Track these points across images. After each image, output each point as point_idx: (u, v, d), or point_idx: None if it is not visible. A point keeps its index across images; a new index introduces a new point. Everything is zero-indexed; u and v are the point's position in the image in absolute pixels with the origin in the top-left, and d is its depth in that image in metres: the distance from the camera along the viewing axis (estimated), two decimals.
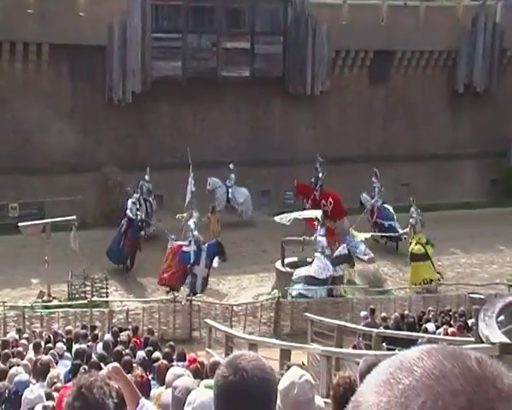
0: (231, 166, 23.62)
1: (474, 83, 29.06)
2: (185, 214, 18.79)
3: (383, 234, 21.33)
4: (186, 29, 26.17)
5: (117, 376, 3.20)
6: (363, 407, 0.90)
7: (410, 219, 20.95)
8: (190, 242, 18.27)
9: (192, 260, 17.93)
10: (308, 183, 24.40)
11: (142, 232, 19.88)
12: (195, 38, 26.37)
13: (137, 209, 20.10)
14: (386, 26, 27.46)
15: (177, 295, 17.10)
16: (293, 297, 17.53)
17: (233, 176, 24.07)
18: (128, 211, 19.70)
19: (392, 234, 21.44)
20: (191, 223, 18.37)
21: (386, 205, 23.00)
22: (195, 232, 18.23)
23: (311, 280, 17.86)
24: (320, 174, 23.78)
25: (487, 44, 28.83)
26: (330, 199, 23.23)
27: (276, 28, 27.44)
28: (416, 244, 20.27)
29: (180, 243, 18.44)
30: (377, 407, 0.88)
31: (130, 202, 19.96)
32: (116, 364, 4.03)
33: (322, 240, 18.50)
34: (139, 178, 22.27)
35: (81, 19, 24.06)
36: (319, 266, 17.98)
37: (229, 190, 24.00)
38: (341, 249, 19.02)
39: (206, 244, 18.31)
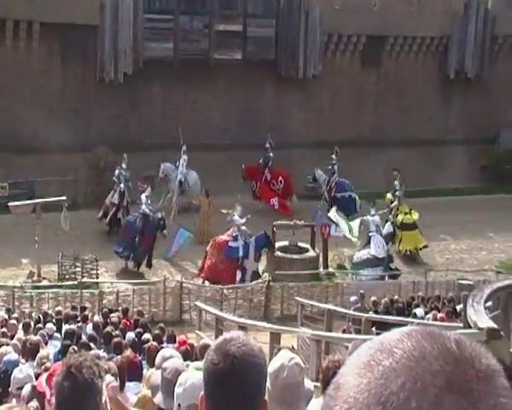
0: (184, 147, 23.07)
1: (465, 69, 29.08)
2: (230, 210, 18.60)
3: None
4: (178, 10, 26.02)
5: (112, 395, 3.18)
6: (343, 389, 0.91)
7: (397, 192, 21.40)
8: (237, 236, 18.18)
9: (241, 255, 17.86)
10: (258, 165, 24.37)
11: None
12: (187, 20, 26.24)
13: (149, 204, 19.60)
14: (378, 11, 27.40)
15: (167, 277, 17.10)
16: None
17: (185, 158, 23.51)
18: (144, 207, 18.99)
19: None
20: (236, 217, 18.20)
21: (342, 179, 23.43)
22: (243, 227, 18.12)
23: (374, 262, 18.14)
24: (270, 154, 23.77)
25: (479, 31, 28.82)
26: (281, 178, 23.61)
27: (268, 11, 27.32)
28: (404, 214, 20.86)
29: (225, 237, 18.20)
30: (357, 389, 0.90)
31: (143, 196, 19.26)
32: (115, 383, 4.02)
33: (376, 219, 18.79)
34: (118, 164, 21.95)
35: None
36: (377, 246, 18.19)
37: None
38: (387, 227, 19.33)
39: (254, 237, 18.21)
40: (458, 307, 11.77)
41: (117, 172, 21.28)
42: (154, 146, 23.86)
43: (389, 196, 21.68)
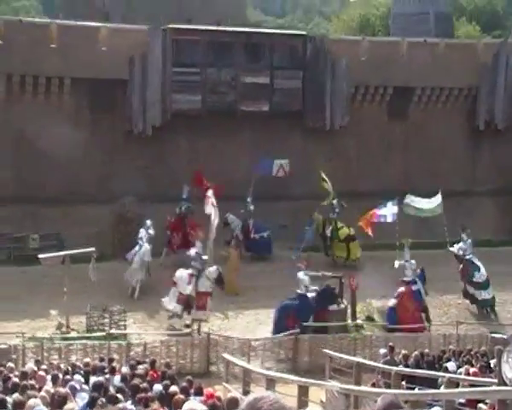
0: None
1: (495, 120, 29.13)
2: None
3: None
4: (206, 63, 26.58)
5: None
6: None
7: (336, 209, 24.36)
8: (415, 280, 19.53)
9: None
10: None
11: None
12: (215, 72, 26.77)
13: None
14: (405, 62, 27.72)
15: (195, 328, 17.13)
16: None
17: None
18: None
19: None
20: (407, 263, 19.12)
21: (257, 220, 24.37)
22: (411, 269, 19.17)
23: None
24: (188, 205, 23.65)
25: (508, 82, 28.96)
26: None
27: (294, 63, 27.78)
28: (345, 228, 24.03)
29: (406, 280, 19.54)
30: None
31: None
32: None
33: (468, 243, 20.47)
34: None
35: (103, 52, 24.56)
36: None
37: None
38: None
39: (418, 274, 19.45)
40: (492, 362, 11.62)
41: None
42: (180, 197, 24.12)
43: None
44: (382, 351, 14.30)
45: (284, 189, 26.04)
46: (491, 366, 11.49)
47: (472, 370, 11.77)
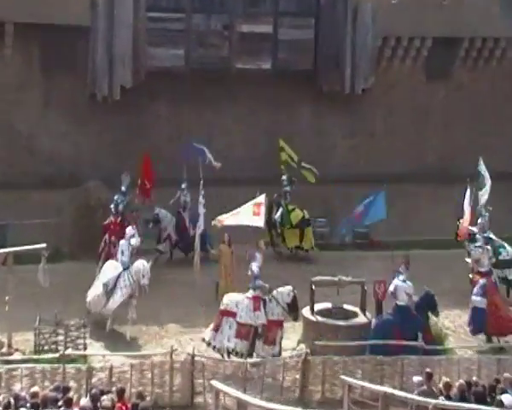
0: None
1: None
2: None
3: None
4: (191, 7, 26.52)
5: None
6: None
7: (287, 187, 25.27)
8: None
9: None
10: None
11: None
12: (203, 19, 26.78)
13: None
14: (449, 7, 27.57)
15: (175, 348, 17.10)
16: None
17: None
18: None
19: None
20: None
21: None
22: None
23: None
24: None
25: None
26: None
27: (305, 8, 27.79)
28: (297, 209, 24.95)
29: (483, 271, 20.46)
30: None
31: None
32: None
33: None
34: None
35: None
36: None
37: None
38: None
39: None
40: None
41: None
42: (159, 181, 24.05)
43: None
44: (417, 379, 14.28)
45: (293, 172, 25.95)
46: None
47: None
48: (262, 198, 19.84)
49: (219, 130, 26.92)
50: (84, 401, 12.01)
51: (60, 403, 11.92)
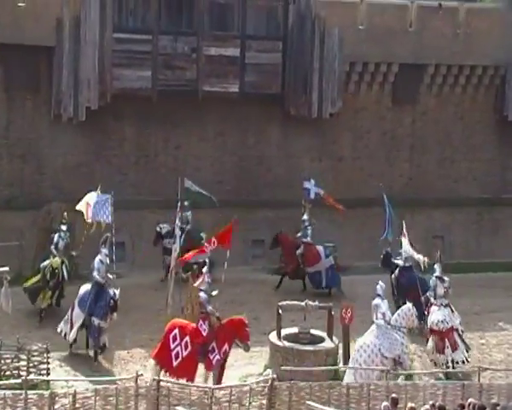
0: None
1: None
2: None
3: None
4: (158, 29, 26.57)
5: None
6: None
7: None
8: None
9: None
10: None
11: None
12: (170, 41, 26.76)
13: None
14: (415, 33, 27.98)
15: (140, 373, 17.05)
16: None
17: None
18: None
19: None
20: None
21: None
22: None
23: None
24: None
25: None
26: None
27: (273, 31, 27.89)
28: None
29: None
30: None
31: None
32: None
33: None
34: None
35: (21, 11, 24.38)
36: None
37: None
38: None
39: None
40: None
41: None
42: (123, 203, 24.02)
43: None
44: (383, 404, 14.35)
45: (260, 195, 26.09)
46: None
47: None
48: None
49: (186, 152, 26.95)
50: None
51: None
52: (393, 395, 14.60)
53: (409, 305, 19.34)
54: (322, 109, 27.64)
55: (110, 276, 20.07)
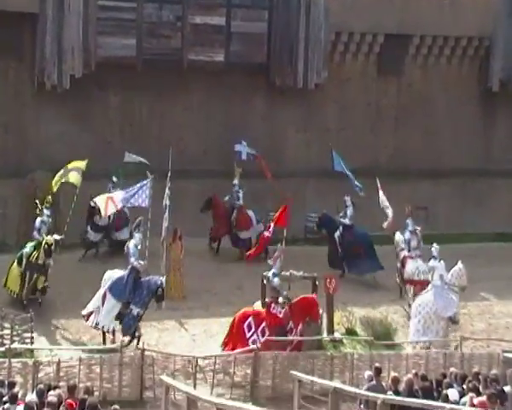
0: None
1: None
2: None
3: None
4: None
5: None
6: None
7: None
8: None
9: None
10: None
11: None
12: (155, 9, 26.55)
13: None
14: (401, 4, 27.88)
15: (124, 343, 17.11)
16: None
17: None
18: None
19: None
20: None
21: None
22: None
23: None
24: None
25: None
26: None
27: (259, 0, 27.73)
28: None
29: None
30: None
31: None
32: None
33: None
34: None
35: None
36: None
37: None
38: None
39: None
40: (506, 389, 11.83)
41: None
42: (107, 172, 23.95)
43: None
44: (367, 374, 14.46)
45: (244, 165, 25.98)
46: (504, 393, 11.68)
47: (478, 399, 11.95)
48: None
49: (171, 121, 26.82)
50: (30, 397, 11.87)
51: (5, 399, 11.80)
52: (377, 365, 14.70)
53: (460, 264, 19.86)
54: (308, 80, 27.56)
55: (142, 262, 19.16)
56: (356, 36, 28.05)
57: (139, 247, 19.33)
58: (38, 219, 21.26)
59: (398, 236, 22.31)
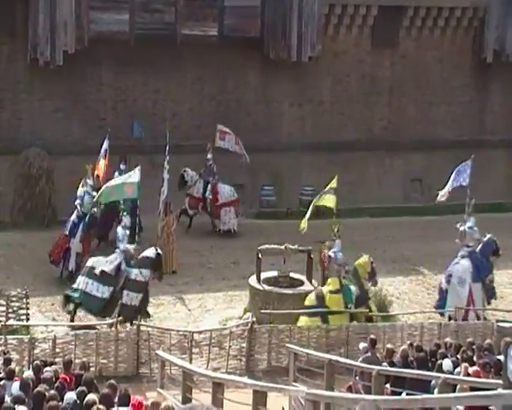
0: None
1: (506, 50, 29.38)
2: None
3: None
4: None
5: None
6: None
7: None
8: None
9: None
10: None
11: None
12: None
13: None
14: None
15: (120, 318, 17.07)
16: None
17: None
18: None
19: None
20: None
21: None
22: None
23: None
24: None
25: None
26: None
27: None
28: None
29: None
30: None
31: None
32: None
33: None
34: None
35: None
36: None
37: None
38: None
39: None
40: (499, 359, 11.82)
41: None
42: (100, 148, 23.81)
43: None
44: (363, 345, 14.46)
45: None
46: (498, 363, 11.67)
47: (472, 369, 11.98)
48: None
49: (164, 97, 26.70)
50: (27, 373, 11.86)
51: (1, 375, 11.80)
52: (372, 337, 14.72)
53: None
54: (302, 53, 27.38)
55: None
56: (350, 8, 27.87)
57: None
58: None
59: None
